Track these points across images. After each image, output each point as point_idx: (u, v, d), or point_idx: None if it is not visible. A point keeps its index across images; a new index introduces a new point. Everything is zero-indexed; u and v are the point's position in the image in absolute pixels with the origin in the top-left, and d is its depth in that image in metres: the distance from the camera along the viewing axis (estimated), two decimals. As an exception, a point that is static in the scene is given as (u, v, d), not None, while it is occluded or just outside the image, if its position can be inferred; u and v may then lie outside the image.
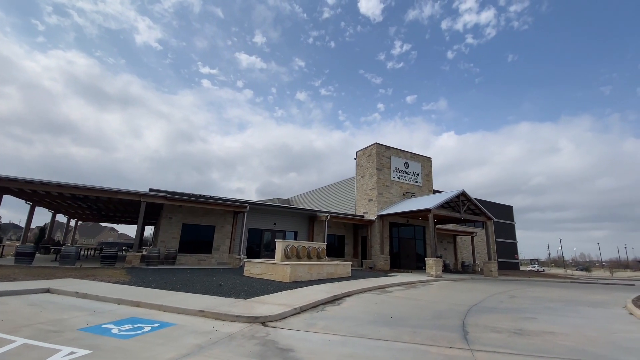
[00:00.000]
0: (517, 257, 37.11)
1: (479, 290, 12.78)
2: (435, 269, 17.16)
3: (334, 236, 23.31)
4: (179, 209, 17.71)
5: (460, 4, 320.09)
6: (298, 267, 12.12)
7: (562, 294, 12.97)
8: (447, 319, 6.99)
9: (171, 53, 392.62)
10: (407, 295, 10.72)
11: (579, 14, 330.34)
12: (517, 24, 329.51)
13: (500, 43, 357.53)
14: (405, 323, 6.46)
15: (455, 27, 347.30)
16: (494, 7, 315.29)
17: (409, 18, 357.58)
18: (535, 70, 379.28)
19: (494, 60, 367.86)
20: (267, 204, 20.03)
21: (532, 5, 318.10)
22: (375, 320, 6.68)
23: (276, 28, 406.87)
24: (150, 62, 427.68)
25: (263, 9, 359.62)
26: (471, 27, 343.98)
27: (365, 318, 6.85)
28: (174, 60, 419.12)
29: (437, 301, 9.62)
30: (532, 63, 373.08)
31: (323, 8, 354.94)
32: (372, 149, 24.05)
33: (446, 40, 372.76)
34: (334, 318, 6.78)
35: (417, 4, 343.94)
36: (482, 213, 21.21)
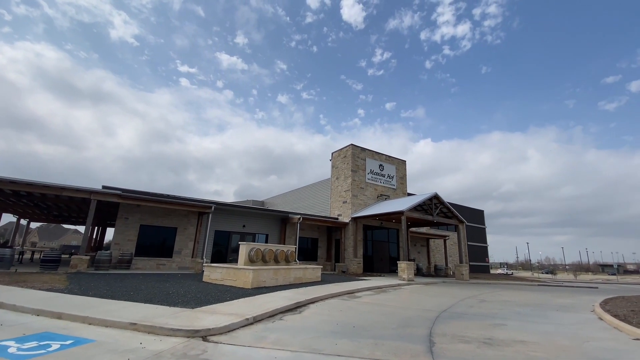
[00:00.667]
0: (488, 260, 37.91)
1: (450, 295, 12.46)
2: (407, 273, 16.80)
3: (307, 239, 22.55)
4: (136, 209, 16.33)
5: (439, 17, 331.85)
6: (261, 272, 11.27)
7: (530, 297, 12.90)
8: (413, 328, 6.44)
9: (148, 50, 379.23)
10: (376, 300, 10.15)
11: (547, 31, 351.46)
12: (491, 38, 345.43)
13: (475, 55, 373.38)
14: (368, 333, 5.82)
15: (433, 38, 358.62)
16: (470, 21, 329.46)
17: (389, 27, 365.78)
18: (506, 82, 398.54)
19: (469, 72, 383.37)
20: (235, 205, 18.99)
21: (504, 21, 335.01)
22: (336, 330, 6.00)
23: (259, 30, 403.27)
24: (125, 59, 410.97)
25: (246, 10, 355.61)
26: (448, 39, 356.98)
27: (325, 328, 6.16)
28: (151, 57, 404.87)
29: (406, 307, 9.10)
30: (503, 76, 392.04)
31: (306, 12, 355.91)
32: (347, 150, 23.60)
33: (424, 50, 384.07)
34: (290, 329, 6.03)
35: (398, 14, 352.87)
36: (454, 216, 21.22)
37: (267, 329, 6.04)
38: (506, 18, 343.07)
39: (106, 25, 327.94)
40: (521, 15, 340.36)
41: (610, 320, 7.03)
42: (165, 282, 11.16)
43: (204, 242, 16.18)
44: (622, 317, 7.04)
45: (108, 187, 14.83)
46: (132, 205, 16.14)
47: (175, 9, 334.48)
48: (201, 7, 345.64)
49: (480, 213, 39.69)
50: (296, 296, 9.58)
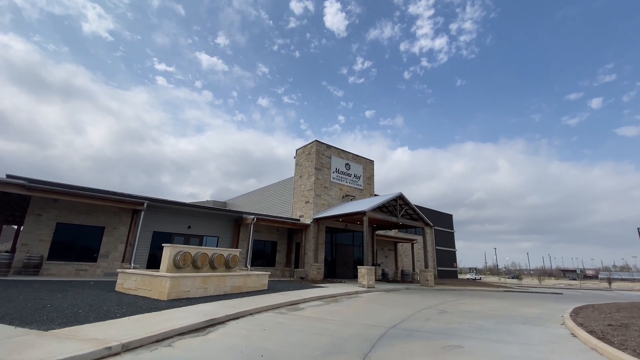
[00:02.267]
0: (456, 265, 37.50)
1: (409, 304, 11.04)
2: (368, 279, 15.31)
3: (265, 242, 20.62)
4: (52, 204, 13.79)
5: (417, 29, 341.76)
6: (183, 281, 9.29)
7: (495, 306, 11.74)
8: (342, 355, 4.81)
9: (124, 46, 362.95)
10: (319, 314, 8.48)
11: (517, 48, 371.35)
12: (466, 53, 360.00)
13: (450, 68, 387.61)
14: (270, 369, 4.12)
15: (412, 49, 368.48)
16: (447, 35, 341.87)
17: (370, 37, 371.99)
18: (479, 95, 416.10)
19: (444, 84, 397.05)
20: (176, 202, 16.75)
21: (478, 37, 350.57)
22: (228, 365, 4.26)
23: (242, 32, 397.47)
24: (98, 54, 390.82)
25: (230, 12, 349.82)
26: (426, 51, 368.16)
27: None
28: (126, 53, 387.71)
29: (350, 322, 7.49)
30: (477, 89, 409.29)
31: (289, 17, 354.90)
32: (311, 146, 22.01)
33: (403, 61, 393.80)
34: (159, 365, 4.21)
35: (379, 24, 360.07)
36: (420, 219, 20.12)
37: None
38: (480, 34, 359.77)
39: (79, 18, 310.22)
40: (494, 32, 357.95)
41: (586, 339, 5.75)
42: (61, 292, 8.93)
43: (134, 245, 13.87)
44: (600, 334, 5.78)
45: (12, 176, 12.29)
46: (47, 199, 13.60)
47: (154, 5, 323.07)
48: (182, 5, 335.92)
49: (449, 217, 39.34)
50: (219, 310, 7.73)
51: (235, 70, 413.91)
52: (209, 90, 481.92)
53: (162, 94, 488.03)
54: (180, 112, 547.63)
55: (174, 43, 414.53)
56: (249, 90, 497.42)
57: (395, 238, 28.45)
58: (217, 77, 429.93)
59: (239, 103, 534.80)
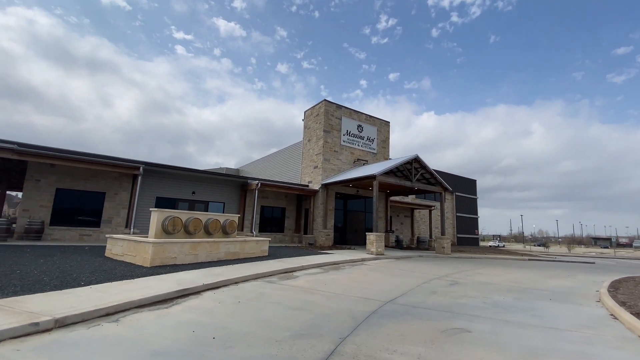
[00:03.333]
0: (478, 232, 35.88)
1: (417, 273, 10.02)
2: (377, 246, 14.38)
3: (273, 208, 20.02)
4: (50, 169, 13.51)
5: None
6: (169, 247, 8.68)
7: (517, 277, 10.50)
8: (314, 339, 3.88)
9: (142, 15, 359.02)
10: (311, 283, 7.64)
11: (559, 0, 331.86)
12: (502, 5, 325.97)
13: (484, 23, 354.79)
14: (217, 356, 3.23)
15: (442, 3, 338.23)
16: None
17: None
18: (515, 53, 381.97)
19: (477, 41, 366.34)
20: (178, 167, 16.12)
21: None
22: (172, 347, 3.42)
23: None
24: (118, 25, 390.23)
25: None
26: (457, 5, 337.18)
27: (161, 343, 3.57)
28: (145, 22, 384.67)
29: (342, 294, 6.58)
30: (513, 45, 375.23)
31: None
32: (320, 107, 20.45)
33: (432, 17, 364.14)
34: (88, 345, 3.42)
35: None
36: (438, 183, 18.56)
37: (44, 345, 3.44)
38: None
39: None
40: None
41: (632, 324, 4.50)
42: (46, 258, 8.60)
43: (134, 210, 13.53)
44: (652, 320, 4.50)
45: (3, 140, 11.91)
46: (44, 165, 13.32)
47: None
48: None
49: (472, 183, 37.12)
50: (200, 279, 7.06)
51: (254, 35, 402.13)
52: (228, 58, 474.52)
53: (183, 64, 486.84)
54: (201, 81, 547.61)
55: (192, 9, 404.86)
56: (268, 57, 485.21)
57: (412, 204, 27.13)
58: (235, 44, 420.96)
59: (258, 70, 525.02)
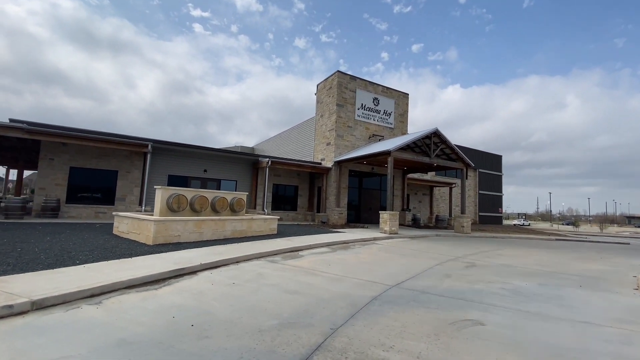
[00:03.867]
0: (501, 210, 34.31)
1: (431, 254, 9.42)
2: (390, 225, 13.80)
3: (285, 186, 19.69)
4: (63, 148, 13.64)
5: None
6: (172, 224, 8.49)
7: (542, 259, 9.67)
8: (303, 329, 3.45)
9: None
10: (314, 264, 7.24)
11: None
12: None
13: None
14: (190, 346, 2.86)
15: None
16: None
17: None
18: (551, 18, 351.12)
19: (508, 6, 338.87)
20: (187, 145, 15.91)
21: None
22: (143, 336, 3.08)
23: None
24: (136, 4, 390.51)
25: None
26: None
27: (137, 330, 3.25)
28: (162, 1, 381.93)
29: (345, 276, 6.13)
30: (548, 10, 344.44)
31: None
32: (333, 79, 19.41)
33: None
34: (58, 331, 3.14)
35: None
36: (459, 159, 17.41)
37: (10, 331, 3.20)
38: None
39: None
40: None
41: (687, 321, 3.74)
42: (55, 235, 8.68)
43: (144, 188, 13.56)
44: None
45: (15, 120, 12.01)
46: (57, 144, 13.44)
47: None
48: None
49: (497, 159, 35.13)
50: (199, 257, 6.83)
51: (271, 10, 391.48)
52: (245, 35, 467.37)
53: (201, 43, 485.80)
54: (220, 60, 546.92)
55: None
56: (285, 31, 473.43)
57: (431, 182, 26.04)
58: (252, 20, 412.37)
59: (276, 46, 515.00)
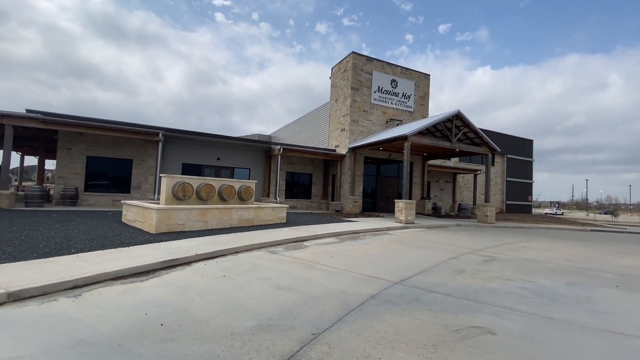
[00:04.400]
0: (531, 199, 32.26)
1: (446, 246, 8.74)
2: (406, 214, 13.11)
3: (299, 174, 19.34)
4: (79, 137, 13.94)
5: None
6: (175, 213, 8.36)
7: (574, 252, 8.73)
8: (282, 333, 3.05)
9: None
10: (316, 256, 6.83)
11: None
12: None
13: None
14: (151, 351, 2.54)
15: None
16: None
17: None
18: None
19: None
20: (199, 133, 15.83)
21: None
22: (110, 336, 2.81)
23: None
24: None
25: None
26: None
27: (101, 328, 2.97)
28: None
29: (345, 270, 5.68)
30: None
31: None
32: (347, 61, 18.54)
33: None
34: (19, 327, 2.94)
35: None
36: (484, 143, 16.20)
37: None
38: None
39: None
40: None
41: None
42: (64, 223, 8.83)
43: (156, 176, 13.66)
44: None
45: (31, 110, 12.32)
46: (74, 133, 13.74)
47: None
48: None
49: (527, 144, 32.85)
50: (198, 247, 6.64)
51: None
52: (266, 22, 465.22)
53: (224, 32, 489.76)
54: (242, 49, 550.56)
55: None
56: (307, 17, 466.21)
57: (454, 169, 24.77)
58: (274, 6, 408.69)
59: (297, 33, 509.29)
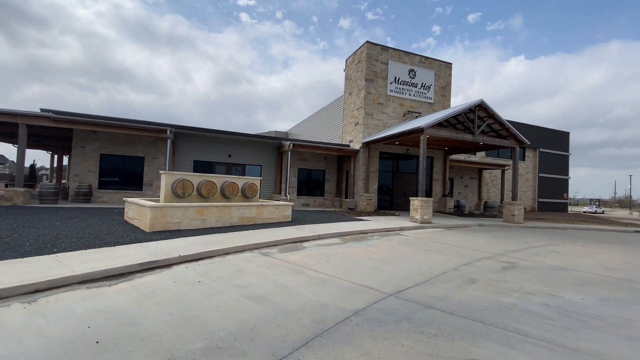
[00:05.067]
0: (566, 196, 29.72)
1: (461, 249, 7.84)
2: (422, 213, 12.19)
3: (312, 171, 18.76)
4: (93, 135, 14.18)
5: None
6: (171, 211, 8.08)
7: (612, 258, 7.55)
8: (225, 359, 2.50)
9: None
10: (310, 259, 6.25)
11: None
12: None
13: None
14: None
15: None
16: None
17: None
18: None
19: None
20: (210, 129, 15.62)
21: None
22: (27, 357, 2.41)
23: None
24: None
25: None
26: None
27: (22, 344, 2.60)
28: None
29: (334, 277, 5.05)
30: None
31: None
32: (361, 51, 17.66)
33: None
34: None
35: None
36: (511, 135, 14.80)
37: None
38: None
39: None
40: None
41: None
42: (67, 220, 8.83)
43: (166, 173, 13.60)
44: None
45: (45, 109, 12.60)
46: (87, 132, 13.99)
47: None
48: None
49: (562, 137, 30.24)
50: (186, 248, 6.28)
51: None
52: (290, 20, 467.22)
53: (249, 32, 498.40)
54: (267, 48, 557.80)
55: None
56: (330, 13, 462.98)
57: (480, 164, 23.20)
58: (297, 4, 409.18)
59: (320, 29, 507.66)
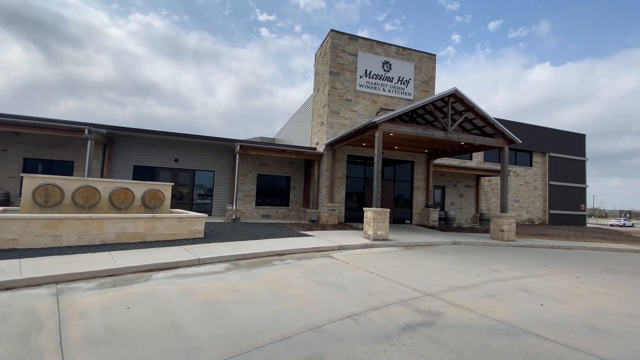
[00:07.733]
0: (584, 207, 25.89)
1: (382, 285, 5.44)
2: (375, 227, 9.77)
3: (274, 177, 16.66)
4: (16, 138, 12.81)
5: None
6: (3, 224, 6.20)
7: (608, 304, 4.91)
8: None
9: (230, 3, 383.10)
10: (115, 301, 4.11)
11: None
12: None
13: None
14: None
15: None
16: None
17: None
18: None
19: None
20: (155, 131, 13.59)
21: None
22: None
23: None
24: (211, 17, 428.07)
25: None
26: None
27: None
28: (232, 10, 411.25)
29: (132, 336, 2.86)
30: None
31: None
32: (326, 42, 15.64)
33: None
34: None
35: None
36: (498, 132, 12.15)
37: None
38: None
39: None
40: None
41: None
42: None
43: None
44: None
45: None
46: (10, 133, 12.62)
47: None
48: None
49: (578, 139, 26.62)
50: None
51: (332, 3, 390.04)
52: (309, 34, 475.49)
53: (270, 46, 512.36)
54: (288, 61, 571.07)
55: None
56: (349, 25, 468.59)
57: (476, 170, 20.36)
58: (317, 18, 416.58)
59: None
